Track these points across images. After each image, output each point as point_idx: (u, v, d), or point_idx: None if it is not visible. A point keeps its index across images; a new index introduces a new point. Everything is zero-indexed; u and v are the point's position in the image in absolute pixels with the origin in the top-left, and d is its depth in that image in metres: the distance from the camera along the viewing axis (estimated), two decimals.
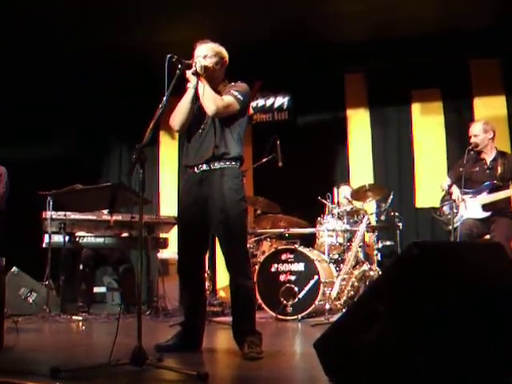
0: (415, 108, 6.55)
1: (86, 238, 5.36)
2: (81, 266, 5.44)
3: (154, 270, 5.47)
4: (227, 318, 4.11)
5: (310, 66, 6.66)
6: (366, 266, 4.92)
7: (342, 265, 4.85)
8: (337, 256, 5.11)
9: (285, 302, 4.67)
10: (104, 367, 2.39)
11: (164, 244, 5.62)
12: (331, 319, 4.23)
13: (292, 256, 4.80)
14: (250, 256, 3.33)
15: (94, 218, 5.15)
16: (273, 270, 4.83)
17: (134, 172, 2.59)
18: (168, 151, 7.45)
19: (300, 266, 4.75)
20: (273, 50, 6.29)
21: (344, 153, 6.78)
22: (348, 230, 5.15)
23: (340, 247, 5.14)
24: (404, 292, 1.90)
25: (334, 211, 5.24)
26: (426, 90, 6.48)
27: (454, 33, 5.95)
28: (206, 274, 3.41)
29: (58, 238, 5.11)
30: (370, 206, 5.61)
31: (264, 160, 5.13)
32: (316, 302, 4.56)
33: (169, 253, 5.97)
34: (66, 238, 5.12)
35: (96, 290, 6.17)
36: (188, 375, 2.31)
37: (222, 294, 6.39)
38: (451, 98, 6.37)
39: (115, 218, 4.97)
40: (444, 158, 6.30)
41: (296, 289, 4.68)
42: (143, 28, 5.86)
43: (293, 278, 4.74)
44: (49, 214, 4.95)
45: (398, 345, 1.86)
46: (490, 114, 5.97)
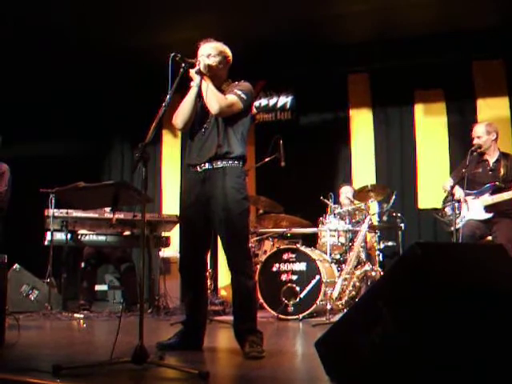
0: (418, 108, 6.53)
1: (88, 236, 5.37)
2: (82, 264, 5.45)
3: (155, 268, 5.49)
4: (228, 317, 4.12)
5: (314, 66, 6.64)
6: (367, 267, 4.93)
7: (343, 265, 4.85)
8: (338, 256, 5.11)
9: (286, 301, 4.68)
10: (105, 365, 2.39)
11: (166, 242, 5.63)
12: (332, 319, 4.23)
13: (294, 256, 4.79)
14: (251, 255, 3.33)
15: (96, 216, 5.15)
16: (274, 269, 4.83)
17: (137, 170, 2.59)
18: (170, 150, 7.44)
19: (302, 266, 4.75)
20: (276, 50, 6.29)
21: (346, 153, 6.76)
22: (350, 230, 5.15)
23: (342, 247, 5.14)
24: (406, 293, 1.90)
25: (336, 211, 5.25)
26: (429, 91, 6.45)
27: (457, 33, 5.95)
28: (208, 273, 3.41)
29: (60, 236, 5.13)
30: (372, 206, 5.59)
31: (266, 159, 5.12)
32: (317, 302, 4.56)
33: (170, 251, 5.98)
34: (68, 235, 5.14)
35: (98, 287, 6.19)
36: (189, 374, 2.31)
37: (224, 292, 6.38)
38: (454, 98, 6.35)
39: (117, 216, 4.97)
40: (446, 159, 6.28)
41: (297, 288, 4.68)
42: (147, 27, 5.87)
43: (294, 277, 4.74)
44: (51, 211, 4.97)
45: (400, 345, 1.86)
46: (493, 115, 5.96)
